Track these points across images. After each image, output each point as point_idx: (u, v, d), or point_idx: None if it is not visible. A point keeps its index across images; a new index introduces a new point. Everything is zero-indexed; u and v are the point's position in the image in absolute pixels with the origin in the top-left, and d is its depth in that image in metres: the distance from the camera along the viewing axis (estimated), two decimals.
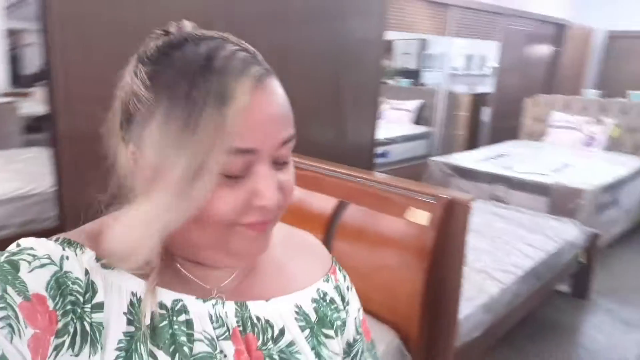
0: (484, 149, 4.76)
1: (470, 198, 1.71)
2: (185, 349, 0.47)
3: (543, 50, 5.66)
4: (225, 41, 0.47)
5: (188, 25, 0.50)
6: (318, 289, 0.60)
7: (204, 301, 0.51)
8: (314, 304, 0.58)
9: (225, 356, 0.49)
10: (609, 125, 4.69)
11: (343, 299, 0.62)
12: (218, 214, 0.45)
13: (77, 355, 0.43)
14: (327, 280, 0.62)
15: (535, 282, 2.53)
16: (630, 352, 2.54)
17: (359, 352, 0.64)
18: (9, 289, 0.39)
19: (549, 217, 3.16)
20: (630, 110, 4.71)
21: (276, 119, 0.47)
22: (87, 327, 0.44)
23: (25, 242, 0.45)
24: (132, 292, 0.48)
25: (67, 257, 0.45)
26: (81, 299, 0.44)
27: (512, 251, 2.60)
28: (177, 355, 0.47)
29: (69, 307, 0.43)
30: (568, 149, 4.63)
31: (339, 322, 0.60)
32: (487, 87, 5.37)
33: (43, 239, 0.46)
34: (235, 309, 0.52)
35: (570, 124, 4.87)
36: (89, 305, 0.45)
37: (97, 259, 0.47)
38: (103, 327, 0.45)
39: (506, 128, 5.25)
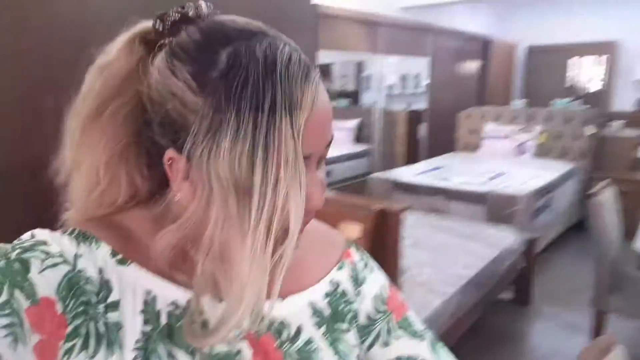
0: (421, 163, 4.81)
1: (401, 207, 1.65)
2: (205, 348, 0.46)
3: (471, 65, 5.87)
4: (273, 37, 0.44)
5: (204, 7, 0.47)
6: (331, 280, 0.59)
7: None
8: (328, 298, 0.57)
9: (244, 357, 0.48)
10: (536, 133, 4.89)
11: (357, 282, 0.61)
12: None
13: (92, 358, 0.41)
14: (341, 268, 0.60)
15: (478, 291, 2.50)
16: (574, 355, 2.56)
17: (383, 332, 0.60)
18: (17, 292, 0.39)
19: (487, 226, 3.19)
20: (555, 117, 4.95)
21: (328, 121, 0.46)
22: (102, 329, 0.43)
23: (40, 234, 0.44)
24: (147, 291, 0.46)
25: (81, 255, 0.44)
26: (94, 299, 0.43)
27: (453, 262, 2.58)
28: (197, 354, 0.46)
29: (81, 308, 0.42)
30: (501, 158, 4.76)
31: (350, 315, 0.58)
32: (422, 104, 5.49)
33: (58, 233, 0.45)
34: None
35: (501, 134, 5.04)
36: (103, 305, 0.43)
37: (113, 254, 0.46)
38: (121, 327, 0.44)
39: (443, 142, 5.36)
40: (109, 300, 0.44)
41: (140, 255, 0.47)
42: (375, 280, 0.62)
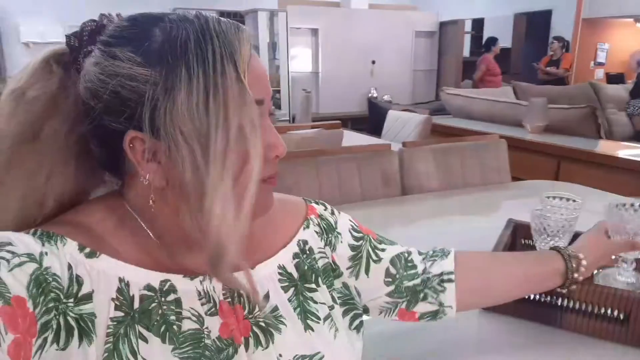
0: None
1: None
2: (175, 327, 0.49)
3: None
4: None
5: (116, 15, 0.50)
6: (299, 241, 0.63)
7: (192, 279, 0.51)
8: (296, 260, 0.61)
9: (210, 331, 0.51)
10: None
11: (329, 229, 0.67)
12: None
13: (64, 349, 0.43)
14: (307, 226, 0.65)
15: None
16: None
17: (371, 252, 0.69)
18: None
19: None
20: None
21: (266, 73, 0.52)
22: (72, 322, 0.44)
23: (2, 236, 0.44)
24: (120, 278, 0.48)
25: (47, 253, 0.45)
26: (61, 295, 0.44)
27: None
28: (167, 334, 0.48)
29: (51, 304, 0.43)
30: None
31: (320, 270, 0.63)
32: None
33: (21, 233, 0.45)
34: None
35: None
36: (72, 300, 0.45)
37: (81, 249, 0.47)
38: (95, 316, 0.45)
39: None
40: (81, 293, 0.45)
41: (107, 246, 0.49)
42: (343, 218, 0.70)
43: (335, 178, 1.74)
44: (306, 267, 0.61)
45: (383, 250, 0.70)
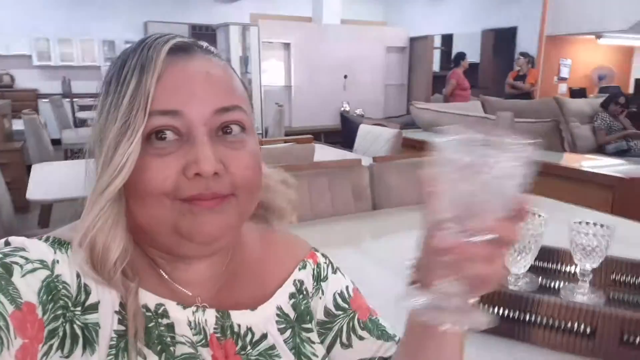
0: None
1: None
2: (172, 349, 0.49)
3: None
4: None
5: None
6: (294, 280, 0.60)
7: (184, 307, 0.51)
8: (292, 300, 0.59)
9: (204, 359, 0.50)
10: None
11: (319, 279, 0.62)
12: (150, 185, 0.45)
13: (67, 357, 0.43)
14: (304, 267, 0.61)
15: None
16: None
17: (344, 331, 0.60)
18: (2, 296, 0.39)
19: None
20: None
21: (201, 84, 0.47)
22: (78, 330, 0.45)
23: (16, 241, 0.45)
24: (122, 294, 0.48)
25: (58, 261, 0.45)
26: (69, 303, 0.45)
27: None
28: (164, 354, 0.48)
29: (59, 312, 0.43)
30: None
31: (312, 313, 0.60)
32: None
33: (34, 239, 0.46)
34: (216, 316, 0.53)
35: None
36: (80, 308, 0.45)
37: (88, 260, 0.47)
38: (100, 327, 0.46)
39: None
40: (88, 302, 0.46)
41: None
42: (339, 279, 0.63)
43: (306, 194, 1.72)
44: (303, 308, 0.59)
45: (361, 338, 0.60)
